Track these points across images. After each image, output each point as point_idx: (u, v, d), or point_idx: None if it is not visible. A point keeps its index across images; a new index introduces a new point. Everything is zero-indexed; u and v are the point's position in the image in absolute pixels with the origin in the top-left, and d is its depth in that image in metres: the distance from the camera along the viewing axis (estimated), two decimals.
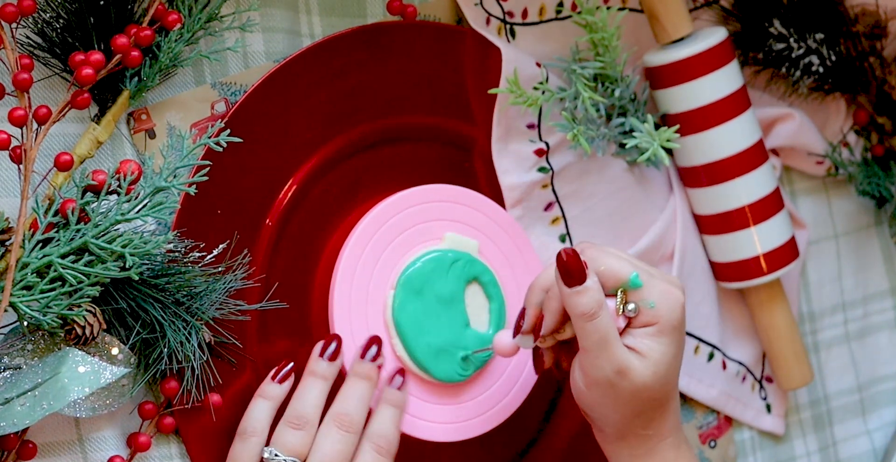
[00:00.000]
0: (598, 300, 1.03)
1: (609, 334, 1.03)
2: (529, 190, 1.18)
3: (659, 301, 1.04)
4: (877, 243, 1.40)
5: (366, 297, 1.10)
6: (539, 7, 1.19)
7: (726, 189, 1.23)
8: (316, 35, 1.12)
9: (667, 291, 1.05)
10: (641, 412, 1.06)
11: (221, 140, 0.99)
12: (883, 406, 1.40)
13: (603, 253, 1.05)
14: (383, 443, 1.06)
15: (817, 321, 1.37)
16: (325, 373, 1.06)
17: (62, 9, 1.00)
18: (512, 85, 1.13)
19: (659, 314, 1.04)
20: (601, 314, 1.03)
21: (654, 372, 1.04)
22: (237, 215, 1.07)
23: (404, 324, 1.10)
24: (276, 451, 1.03)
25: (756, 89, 1.30)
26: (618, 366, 1.03)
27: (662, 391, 1.05)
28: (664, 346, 1.04)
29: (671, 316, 1.04)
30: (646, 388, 1.04)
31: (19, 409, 0.94)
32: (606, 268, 1.04)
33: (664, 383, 1.05)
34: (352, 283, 1.09)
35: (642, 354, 1.04)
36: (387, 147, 1.13)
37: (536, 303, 1.08)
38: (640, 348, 1.04)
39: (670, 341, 1.05)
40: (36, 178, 0.98)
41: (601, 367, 1.04)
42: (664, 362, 1.04)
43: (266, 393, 1.05)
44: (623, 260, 1.05)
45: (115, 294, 1.00)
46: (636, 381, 1.04)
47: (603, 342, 1.03)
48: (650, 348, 1.04)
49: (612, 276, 1.04)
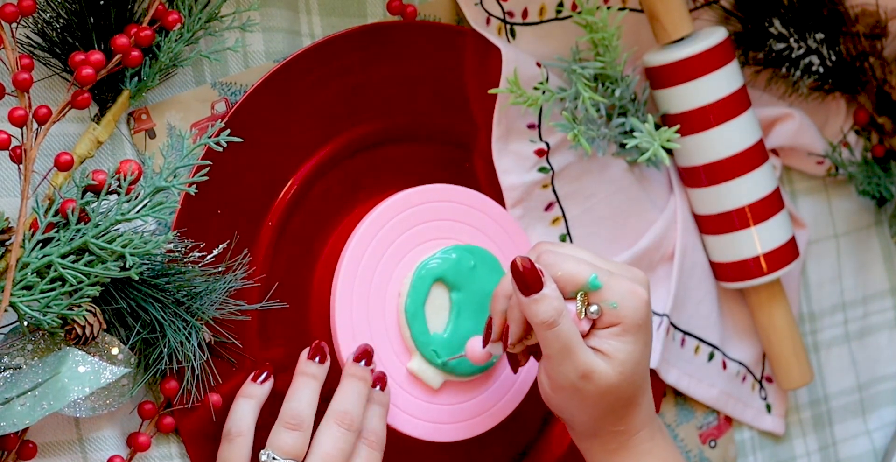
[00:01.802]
0: (557, 308, 1.02)
1: (571, 340, 1.03)
2: (530, 190, 1.18)
3: (621, 300, 1.03)
4: (877, 243, 1.40)
5: (367, 297, 1.10)
6: (539, 7, 1.19)
7: (726, 189, 1.23)
8: (316, 35, 1.12)
9: (629, 290, 1.04)
10: (610, 411, 1.06)
11: (221, 140, 0.99)
12: (883, 406, 1.40)
13: (560, 257, 1.04)
14: (374, 438, 1.06)
15: (817, 321, 1.37)
16: (316, 373, 1.06)
17: (62, 9, 1.00)
18: (512, 85, 1.13)
19: (622, 314, 1.03)
20: (561, 321, 1.02)
21: (621, 372, 1.04)
22: (237, 215, 1.07)
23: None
24: (274, 454, 1.02)
25: (756, 89, 1.30)
26: (582, 371, 1.03)
27: (630, 389, 1.05)
28: (629, 346, 1.04)
29: (634, 315, 1.04)
30: (612, 388, 1.04)
31: (19, 409, 0.94)
32: (563, 272, 1.04)
33: (632, 381, 1.05)
34: (354, 283, 1.09)
35: (608, 355, 1.04)
36: (387, 147, 1.13)
37: (501, 311, 1.07)
38: (606, 349, 1.04)
39: (635, 340, 1.04)
40: (36, 178, 0.98)
41: (565, 373, 1.04)
42: (631, 361, 1.04)
43: (248, 393, 1.05)
44: (580, 262, 1.04)
45: (115, 294, 1.00)
46: (602, 384, 1.03)
47: (565, 349, 1.03)
48: (615, 349, 1.04)
49: (570, 281, 1.04)
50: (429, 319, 1.12)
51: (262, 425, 1.05)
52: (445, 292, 1.13)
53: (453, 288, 1.12)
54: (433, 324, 1.12)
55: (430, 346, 1.11)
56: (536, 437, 1.21)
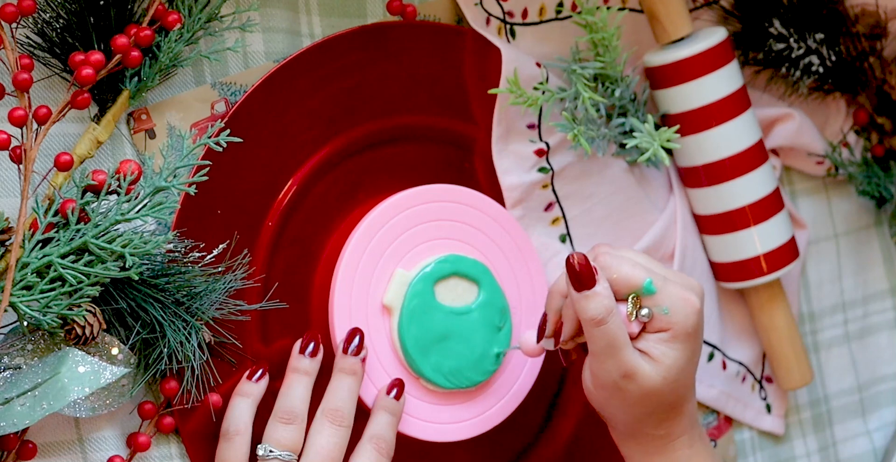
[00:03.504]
0: (607, 306, 1.03)
1: (617, 340, 1.04)
2: (530, 190, 1.18)
3: (673, 307, 1.05)
4: (877, 243, 1.40)
5: (366, 297, 1.10)
6: (539, 7, 1.19)
7: (726, 189, 1.23)
8: (316, 35, 1.12)
9: (682, 297, 1.05)
10: (651, 413, 1.06)
11: (221, 140, 0.99)
12: (883, 406, 1.40)
13: (617, 259, 1.06)
14: (383, 444, 1.06)
15: (817, 321, 1.37)
16: (308, 368, 1.06)
17: (62, 9, 1.00)
18: (512, 85, 1.13)
19: (673, 320, 1.05)
20: (609, 320, 1.03)
21: (665, 377, 1.05)
22: (237, 215, 1.07)
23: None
24: (271, 447, 1.03)
25: (756, 89, 1.30)
26: (625, 370, 1.04)
27: (674, 395, 1.06)
28: (677, 352, 1.05)
29: (685, 322, 1.05)
30: (655, 392, 1.05)
31: (19, 409, 0.94)
32: (619, 275, 1.05)
33: (675, 388, 1.05)
34: (353, 283, 1.09)
35: (654, 359, 1.05)
36: (387, 147, 1.13)
37: (556, 308, 1.09)
38: (653, 353, 1.05)
39: (684, 347, 1.05)
40: (36, 178, 0.98)
41: (608, 371, 1.04)
42: (676, 367, 1.05)
43: (244, 391, 1.05)
44: (638, 266, 1.05)
45: (115, 294, 1.00)
46: (644, 386, 1.04)
47: (610, 347, 1.04)
48: (663, 353, 1.05)
49: (625, 283, 1.05)
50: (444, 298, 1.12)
51: (260, 423, 1.05)
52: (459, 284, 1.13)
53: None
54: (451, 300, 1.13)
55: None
56: (536, 438, 1.21)
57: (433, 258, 1.12)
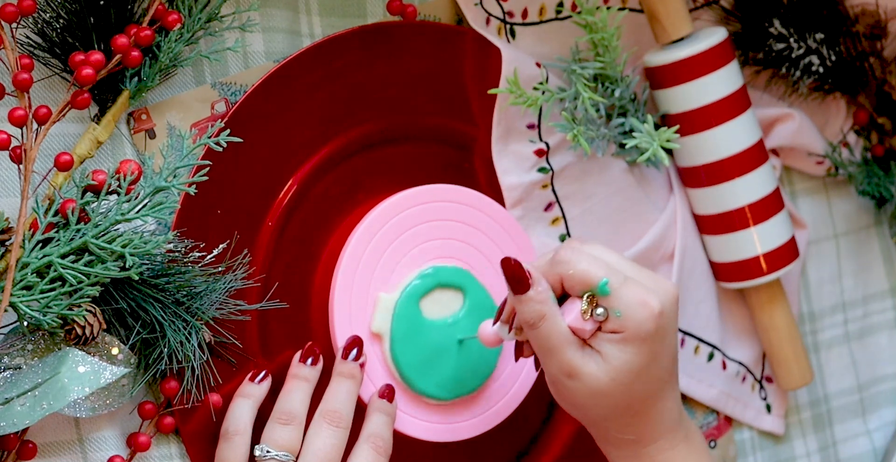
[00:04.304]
0: (538, 311, 1.02)
1: (551, 342, 1.02)
2: (529, 190, 1.18)
3: (627, 311, 1.02)
4: (877, 243, 1.40)
5: (366, 297, 1.10)
6: (539, 7, 1.19)
7: (726, 189, 1.23)
8: (316, 35, 1.12)
9: (639, 301, 1.02)
10: (609, 416, 1.05)
11: (221, 140, 0.99)
12: (883, 406, 1.40)
13: (577, 254, 1.03)
14: (381, 443, 1.06)
15: (817, 321, 1.37)
16: (308, 375, 1.07)
17: (62, 9, 1.00)
18: (512, 85, 1.13)
19: (625, 324, 1.02)
20: (542, 325, 1.02)
21: (613, 378, 1.02)
22: (237, 215, 1.07)
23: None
24: (268, 448, 1.03)
25: (756, 89, 1.30)
26: (567, 369, 1.03)
27: (627, 399, 1.04)
28: (627, 355, 1.02)
29: (639, 327, 1.02)
30: (603, 393, 1.03)
31: (19, 409, 0.94)
32: (575, 271, 1.03)
33: (627, 390, 1.03)
34: (353, 283, 1.09)
35: (604, 359, 1.03)
36: (387, 147, 1.13)
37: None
38: (603, 353, 1.03)
39: (637, 351, 1.02)
40: (36, 178, 0.98)
41: (552, 370, 1.04)
42: (626, 370, 1.02)
43: (246, 392, 1.05)
44: (597, 264, 1.03)
45: (115, 294, 1.00)
46: (591, 385, 1.03)
47: (547, 349, 1.03)
48: (611, 355, 1.03)
49: (580, 281, 1.03)
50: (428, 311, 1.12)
51: (259, 426, 1.05)
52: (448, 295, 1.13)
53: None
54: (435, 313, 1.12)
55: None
56: (536, 437, 1.21)
57: (413, 274, 1.11)
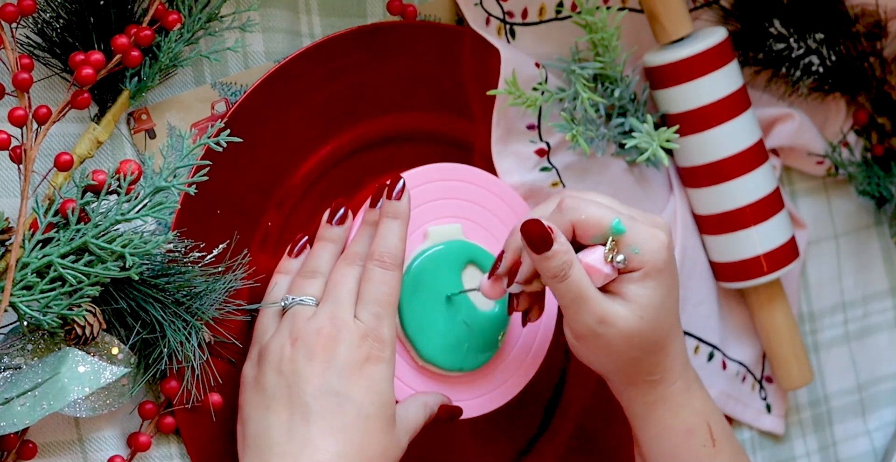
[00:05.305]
0: (566, 260, 1.03)
1: (583, 290, 1.03)
2: (534, 188, 1.18)
3: (642, 245, 1.04)
4: (877, 243, 1.40)
5: None
6: (539, 7, 1.19)
7: (726, 189, 1.23)
8: (316, 35, 1.12)
9: (650, 234, 1.05)
10: (640, 358, 1.06)
11: (221, 140, 0.99)
12: (883, 406, 1.40)
13: (582, 202, 1.05)
14: (387, 257, 1.06)
15: (817, 321, 1.37)
16: (334, 236, 1.08)
17: (62, 9, 1.00)
18: (510, 86, 1.13)
19: (644, 259, 1.04)
20: (571, 273, 1.03)
21: (641, 316, 1.04)
22: (237, 215, 1.07)
23: (408, 324, 1.10)
24: (292, 296, 1.05)
25: (756, 89, 1.30)
26: (599, 316, 1.04)
27: (656, 334, 1.06)
28: (650, 290, 1.05)
29: (655, 258, 1.04)
30: (635, 333, 1.05)
31: (19, 409, 0.94)
32: (587, 216, 1.04)
33: (655, 326, 1.05)
34: None
35: (629, 300, 1.04)
36: (387, 147, 1.13)
37: (515, 248, 1.08)
38: (627, 294, 1.05)
39: (656, 284, 1.05)
40: (36, 178, 0.98)
41: (584, 321, 1.05)
42: (651, 305, 1.05)
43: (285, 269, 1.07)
44: (604, 207, 1.05)
45: (115, 294, 1.00)
46: (623, 328, 1.04)
47: (578, 298, 1.04)
48: (636, 294, 1.04)
49: (593, 224, 1.04)
50: (477, 301, 1.12)
51: None
52: (478, 271, 1.13)
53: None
54: (482, 304, 1.12)
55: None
56: (543, 425, 1.21)
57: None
